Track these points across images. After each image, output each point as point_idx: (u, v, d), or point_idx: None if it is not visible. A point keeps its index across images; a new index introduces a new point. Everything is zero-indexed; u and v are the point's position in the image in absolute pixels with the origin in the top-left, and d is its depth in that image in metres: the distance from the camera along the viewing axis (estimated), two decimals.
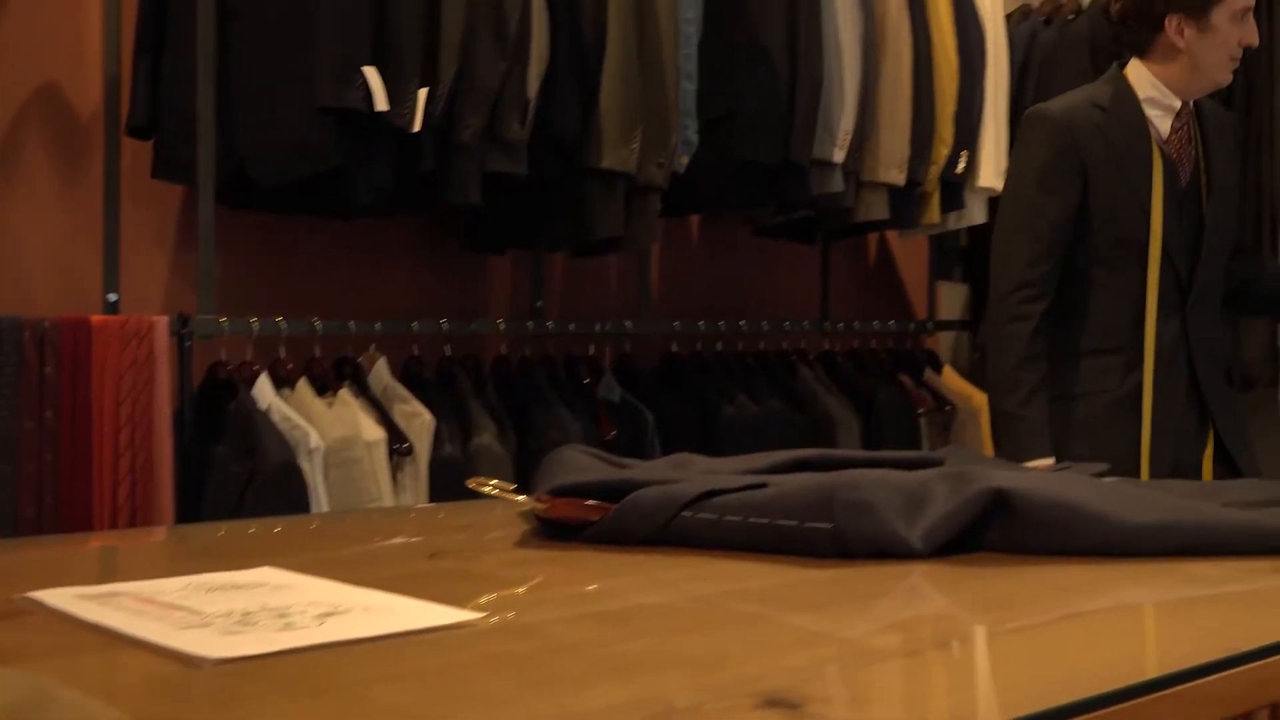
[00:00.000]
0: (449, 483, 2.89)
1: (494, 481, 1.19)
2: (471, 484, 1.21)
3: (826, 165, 3.40)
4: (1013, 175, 2.64)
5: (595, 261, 3.59)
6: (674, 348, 3.64)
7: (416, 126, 2.63)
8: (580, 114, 2.89)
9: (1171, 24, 2.51)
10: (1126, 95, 2.56)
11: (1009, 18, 4.10)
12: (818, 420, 3.65)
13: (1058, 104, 2.63)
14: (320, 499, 2.70)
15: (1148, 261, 2.53)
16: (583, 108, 2.90)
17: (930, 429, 3.99)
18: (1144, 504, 1.17)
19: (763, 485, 1.18)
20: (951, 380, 4.13)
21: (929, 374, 4.10)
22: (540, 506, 1.20)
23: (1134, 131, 2.54)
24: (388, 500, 2.82)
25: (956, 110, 3.68)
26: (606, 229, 2.98)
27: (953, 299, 4.57)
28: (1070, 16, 4.02)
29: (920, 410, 3.93)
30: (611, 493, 1.20)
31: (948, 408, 4.01)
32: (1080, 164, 2.52)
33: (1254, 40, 2.52)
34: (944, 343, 4.59)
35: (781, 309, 4.04)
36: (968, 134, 3.73)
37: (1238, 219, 2.69)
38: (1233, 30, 2.50)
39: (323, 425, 2.77)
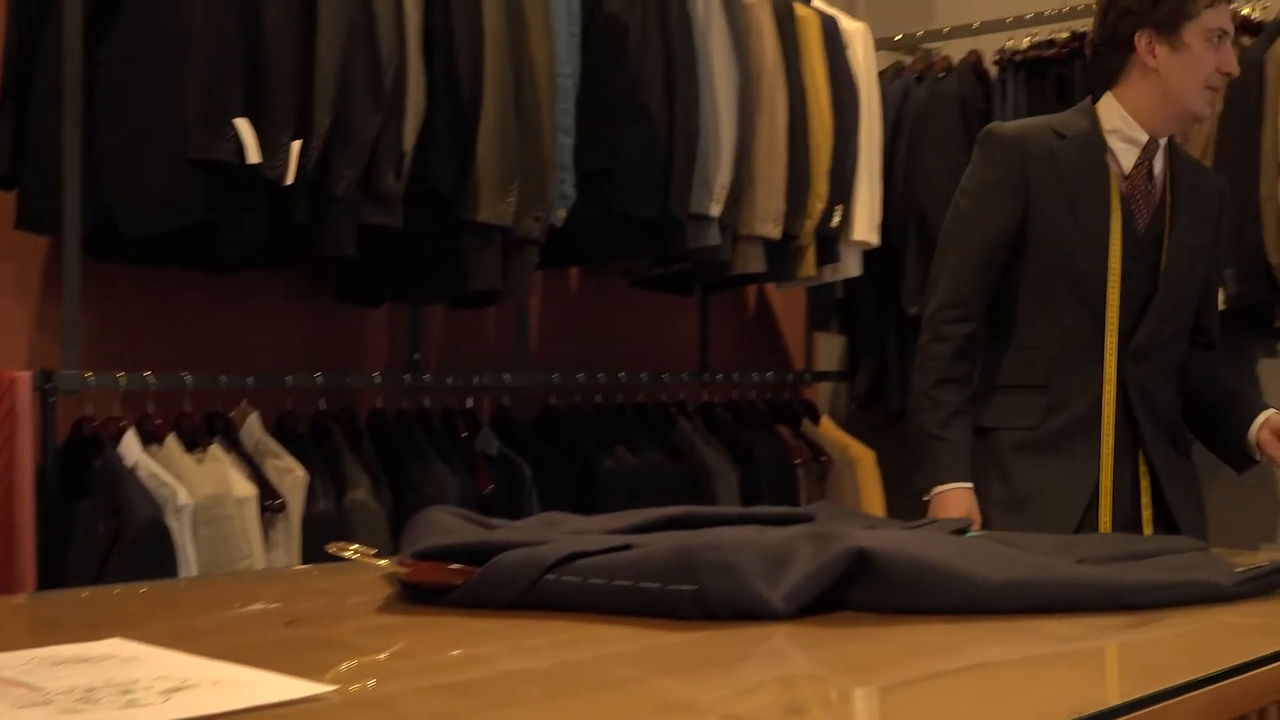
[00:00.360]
0: (322, 540, 2.81)
1: (355, 546, 1.17)
2: (332, 549, 1.19)
3: (703, 219, 3.43)
4: (957, 192, 2.48)
5: (474, 313, 3.57)
6: (553, 400, 3.63)
7: (290, 179, 2.60)
8: (457, 167, 2.88)
9: (1142, 41, 2.34)
10: (1090, 124, 2.41)
11: (882, 75, 4.19)
12: (696, 472, 3.66)
13: (1013, 124, 2.51)
14: (189, 558, 2.64)
15: (1089, 301, 2.35)
16: (459, 161, 2.89)
17: (807, 480, 4.02)
18: (1002, 561, 1.19)
19: (627, 547, 1.18)
20: (829, 431, 4.17)
21: (806, 425, 4.14)
22: (403, 571, 1.18)
23: (1090, 161, 2.38)
24: (259, 559, 2.76)
25: (831, 166, 3.74)
26: (483, 282, 2.97)
27: (830, 350, 4.63)
28: (941, 75, 4.11)
29: (797, 461, 3.96)
30: (476, 555, 1.19)
31: (824, 458, 4.05)
32: (1024, 186, 2.37)
33: (1232, 69, 2.34)
34: (822, 393, 4.64)
35: (661, 360, 4.05)
36: (842, 189, 3.79)
37: (1200, 287, 2.45)
38: (1207, 52, 2.32)
39: (192, 482, 2.71)
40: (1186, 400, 2.49)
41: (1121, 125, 2.38)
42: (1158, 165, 2.41)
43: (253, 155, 2.53)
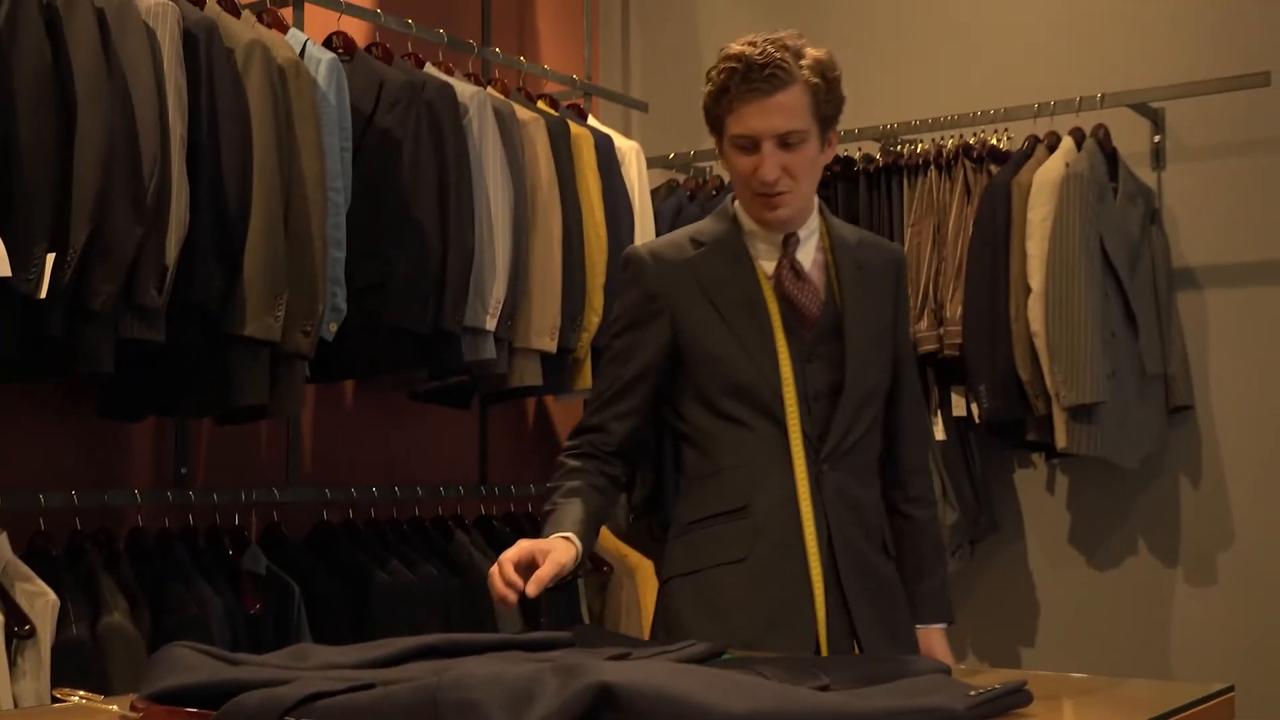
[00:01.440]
0: (73, 667, 2.72)
1: (81, 692, 1.12)
2: (58, 693, 1.14)
3: (479, 332, 3.44)
4: (609, 322, 2.38)
5: (244, 427, 3.49)
6: (325, 515, 3.56)
7: (43, 293, 2.52)
8: (222, 281, 2.83)
9: (717, 143, 2.26)
10: (730, 228, 2.28)
11: (655, 192, 4.29)
12: (474, 585, 3.63)
13: (652, 242, 2.39)
14: None
15: (767, 412, 2.21)
16: (225, 274, 2.84)
17: (589, 590, 4.02)
18: (747, 691, 1.21)
19: (372, 685, 1.16)
20: (608, 541, 4.18)
21: None
22: (135, 716, 1.14)
23: (735, 267, 2.25)
24: (4, 689, 2.62)
25: (606, 280, 3.79)
26: (250, 397, 2.91)
27: None
28: (713, 192, 4.23)
29: (579, 573, 3.95)
30: (214, 696, 1.15)
31: (605, 569, 4.06)
32: (665, 306, 2.24)
33: (762, 175, 2.17)
34: None
35: (440, 473, 4.02)
36: None
37: (888, 371, 2.33)
38: (739, 158, 2.20)
39: None
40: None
41: (753, 226, 2.27)
42: (806, 259, 2.28)
43: (3, 269, 2.44)
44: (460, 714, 1.08)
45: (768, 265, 2.27)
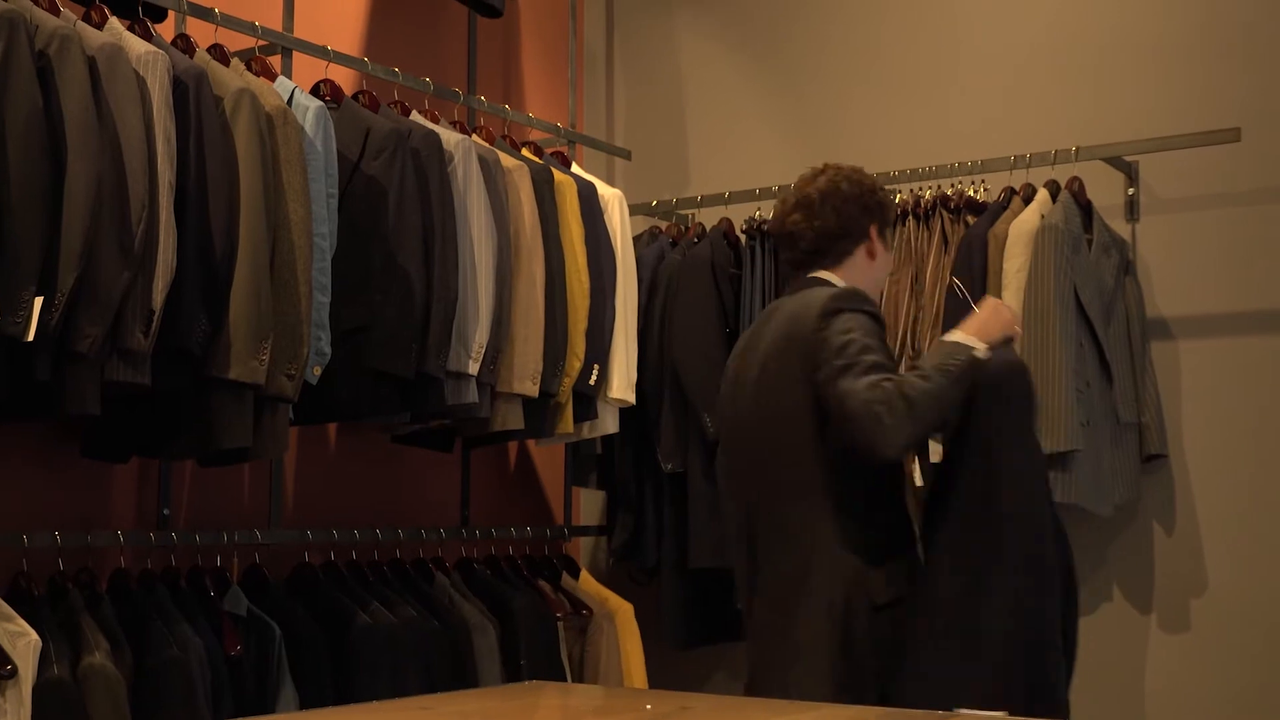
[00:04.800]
0: (55, 707, 2.74)
1: None
2: None
3: (461, 376, 3.47)
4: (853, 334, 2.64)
5: (227, 469, 3.52)
6: (307, 557, 3.58)
7: (30, 336, 2.55)
8: (208, 325, 2.87)
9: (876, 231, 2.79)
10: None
11: (638, 239, 4.34)
12: (455, 628, 3.65)
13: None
14: None
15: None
16: (210, 318, 2.87)
17: (568, 634, 4.04)
18: None
19: None
20: (588, 585, 4.21)
21: (566, 579, 4.17)
22: None
23: None
24: None
25: (588, 326, 3.84)
26: (233, 439, 2.94)
27: (592, 504, 4.69)
28: (694, 240, 4.29)
29: (558, 615, 3.98)
30: None
31: (585, 612, 4.08)
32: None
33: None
34: (583, 547, 4.69)
35: (421, 516, 4.05)
36: (600, 348, 3.89)
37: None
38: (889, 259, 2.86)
39: None
40: None
41: None
42: None
43: None
44: None
45: None
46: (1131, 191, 3.94)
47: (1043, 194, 3.79)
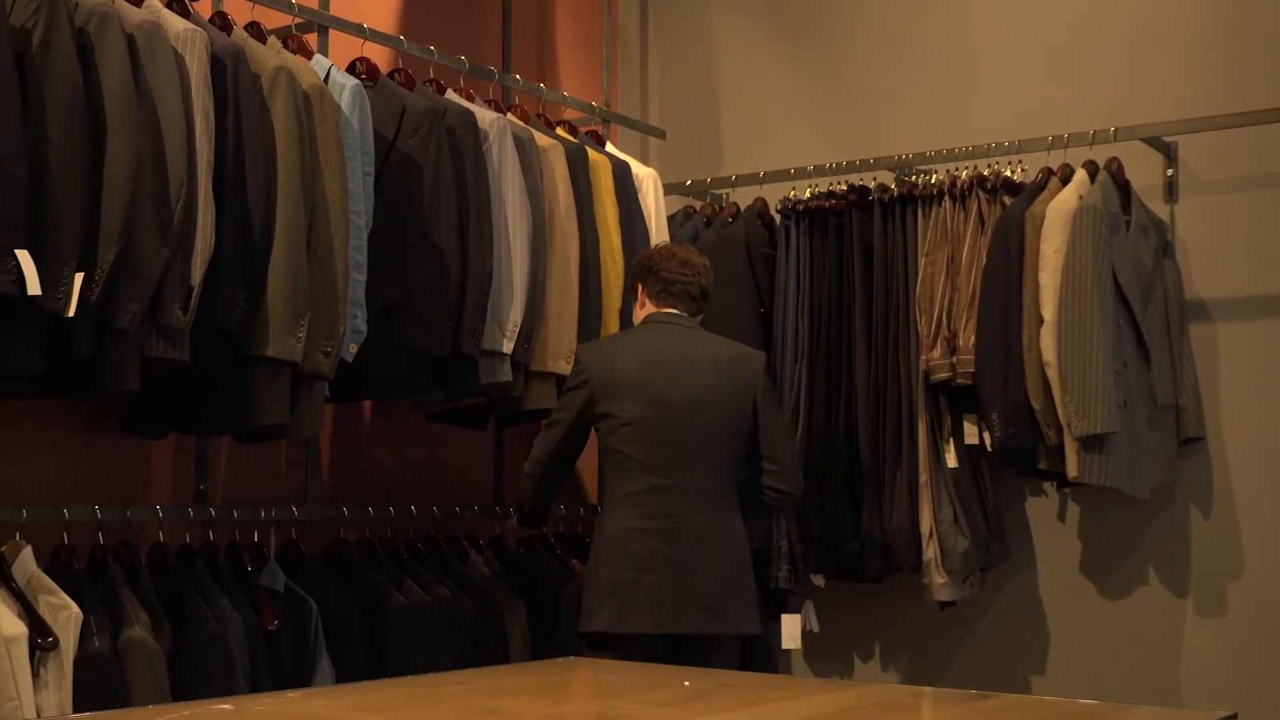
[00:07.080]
0: (95, 679, 2.76)
1: None
2: None
3: (496, 355, 3.48)
4: None
5: (263, 445, 3.54)
6: (343, 534, 3.60)
7: (71, 311, 2.56)
8: (246, 302, 2.88)
9: None
10: None
11: (672, 218, 4.33)
12: (487, 606, 3.66)
13: None
14: None
15: None
16: (249, 296, 2.89)
17: None
18: None
19: None
20: None
21: None
22: None
23: None
24: (27, 701, 2.66)
25: (622, 305, 3.84)
26: (270, 416, 2.96)
27: None
28: (729, 220, 4.28)
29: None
30: None
31: None
32: None
33: None
34: None
35: (455, 494, 4.06)
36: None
37: None
38: None
39: None
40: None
41: None
42: None
43: (33, 287, 2.49)
44: None
45: None
46: (1170, 172, 3.91)
47: (1081, 174, 3.76)
